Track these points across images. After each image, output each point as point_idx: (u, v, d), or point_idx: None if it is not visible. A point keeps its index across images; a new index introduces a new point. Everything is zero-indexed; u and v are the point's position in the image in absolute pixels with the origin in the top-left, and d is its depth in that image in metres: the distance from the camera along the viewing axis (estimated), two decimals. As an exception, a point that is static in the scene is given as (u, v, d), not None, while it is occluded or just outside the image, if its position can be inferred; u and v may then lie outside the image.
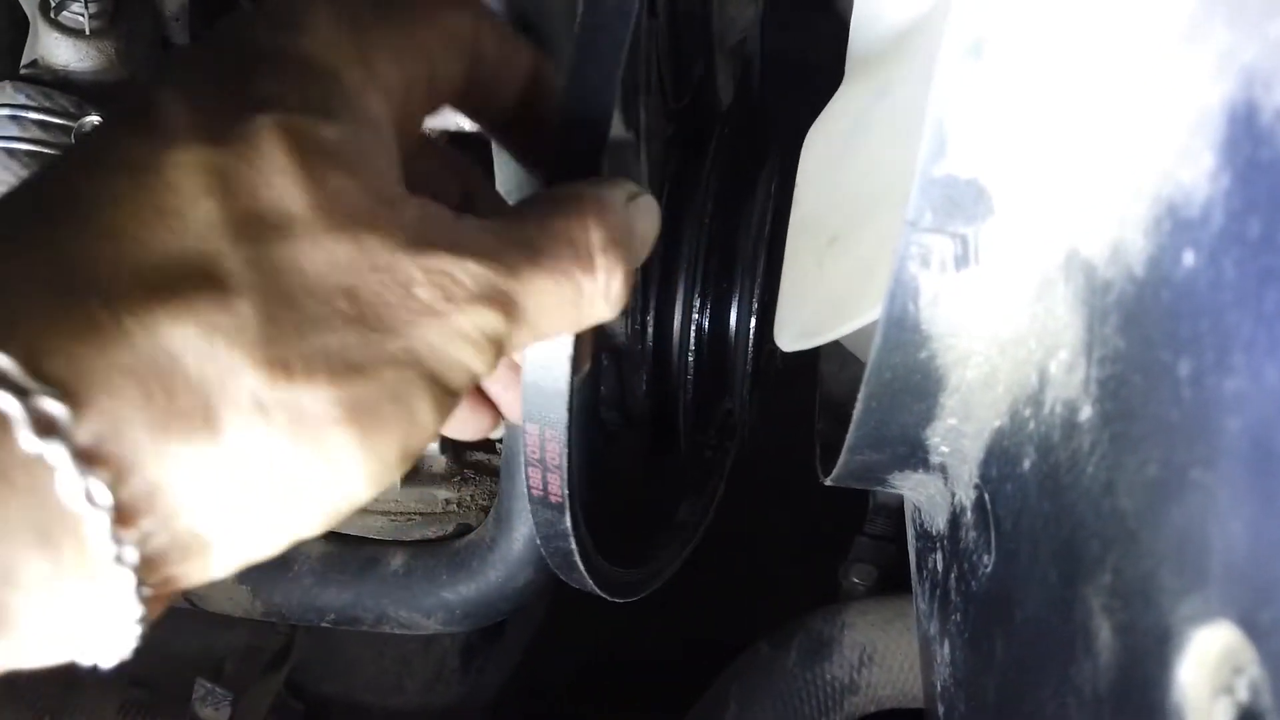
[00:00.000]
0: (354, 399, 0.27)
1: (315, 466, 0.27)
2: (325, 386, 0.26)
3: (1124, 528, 0.25)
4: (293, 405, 0.26)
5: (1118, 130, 0.27)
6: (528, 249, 0.31)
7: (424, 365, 0.28)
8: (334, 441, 0.27)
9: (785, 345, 0.50)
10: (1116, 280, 0.27)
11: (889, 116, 0.50)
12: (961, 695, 0.46)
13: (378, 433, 0.28)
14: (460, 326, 0.29)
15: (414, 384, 0.28)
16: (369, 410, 0.27)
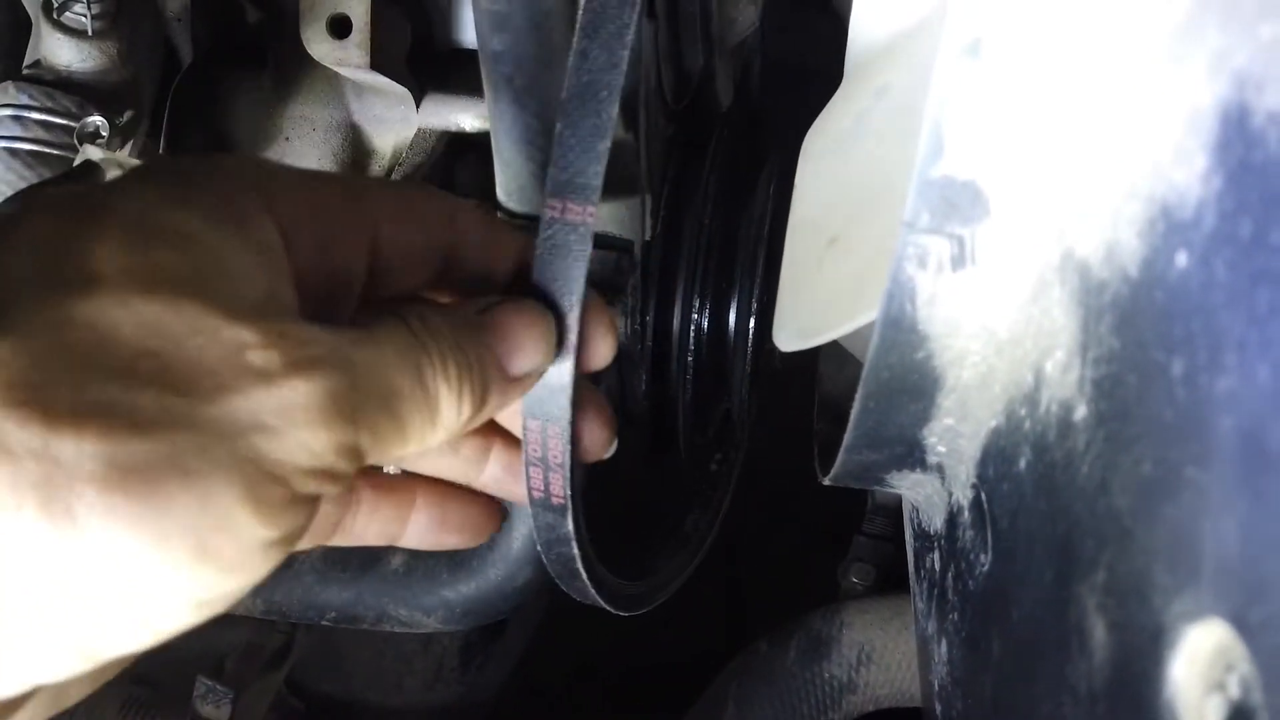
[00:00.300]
0: (125, 457, 0.23)
1: (69, 543, 0.23)
2: (91, 440, 0.23)
3: (1118, 526, 0.26)
4: (45, 454, 0.23)
5: (1113, 131, 0.27)
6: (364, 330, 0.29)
7: (238, 436, 0.25)
8: (88, 506, 0.23)
9: (784, 345, 0.50)
10: (1111, 281, 0.27)
11: (888, 117, 0.50)
12: (959, 694, 0.46)
13: (153, 506, 0.23)
14: (296, 394, 0.26)
15: (218, 458, 0.24)
16: (141, 473, 0.23)
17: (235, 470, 0.25)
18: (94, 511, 0.23)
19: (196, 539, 0.24)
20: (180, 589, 0.25)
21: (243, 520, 0.25)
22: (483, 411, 0.32)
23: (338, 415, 0.27)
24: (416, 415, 0.30)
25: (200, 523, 0.24)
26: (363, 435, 0.28)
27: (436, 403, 0.30)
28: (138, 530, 0.24)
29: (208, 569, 0.25)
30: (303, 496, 0.27)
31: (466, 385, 0.31)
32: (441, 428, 0.31)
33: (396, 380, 0.29)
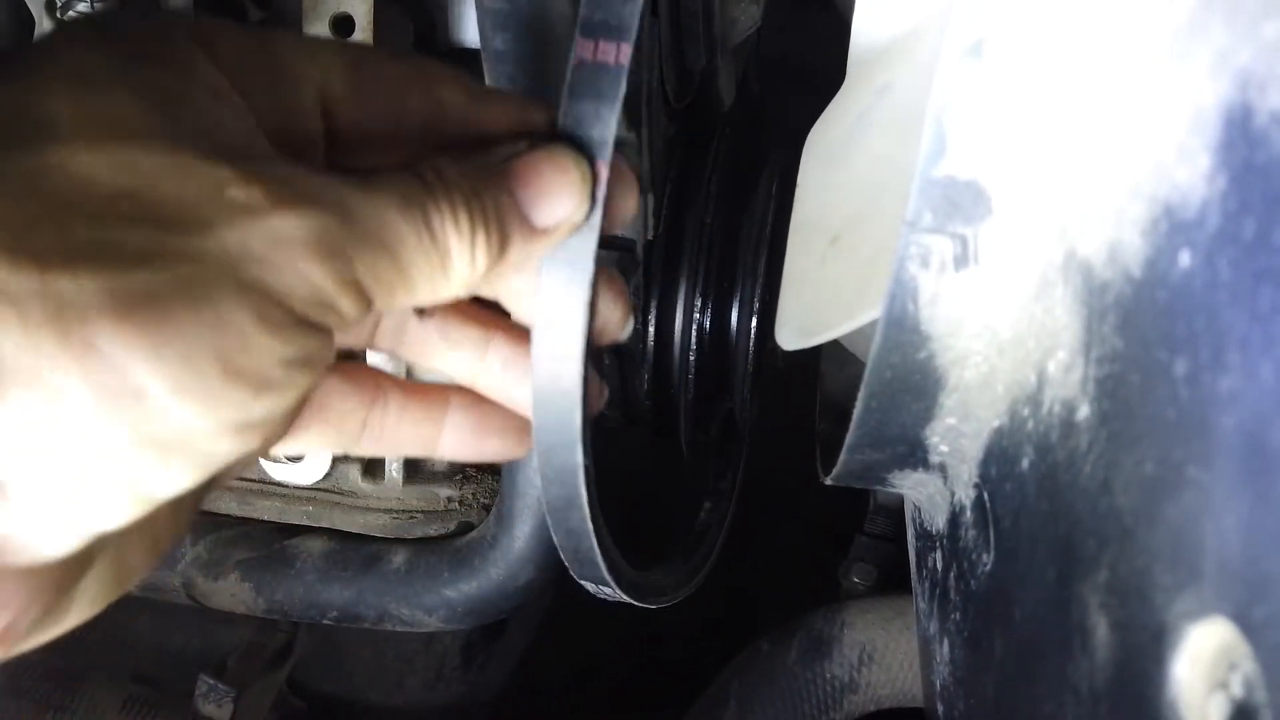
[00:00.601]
0: (129, 289, 0.23)
1: (96, 372, 0.23)
2: (89, 275, 0.23)
3: (1120, 525, 0.26)
4: (49, 294, 0.22)
5: (1116, 131, 0.27)
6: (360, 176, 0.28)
7: (239, 267, 0.25)
8: (105, 335, 0.23)
9: (786, 344, 0.50)
10: (1114, 280, 0.27)
11: (890, 116, 0.50)
12: (961, 694, 0.46)
13: (168, 332, 0.24)
14: (285, 227, 0.26)
15: (221, 283, 0.25)
16: (151, 302, 0.23)
17: (239, 293, 0.25)
18: (114, 341, 0.23)
19: (221, 358, 0.24)
20: (217, 413, 0.25)
21: (260, 338, 0.25)
22: (503, 263, 0.31)
23: (331, 251, 0.26)
24: (423, 261, 0.29)
25: (221, 343, 0.24)
26: (362, 273, 0.27)
27: (446, 249, 0.29)
28: (162, 356, 0.24)
29: (239, 388, 0.25)
30: (312, 322, 0.27)
31: (481, 232, 0.30)
32: (455, 277, 0.30)
33: (397, 224, 0.28)
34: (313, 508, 0.69)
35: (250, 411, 0.26)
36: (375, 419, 0.38)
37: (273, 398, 0.26)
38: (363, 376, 0.38)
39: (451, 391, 0.39)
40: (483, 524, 0.66)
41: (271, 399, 0.26)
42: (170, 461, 0.25)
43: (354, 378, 0.38)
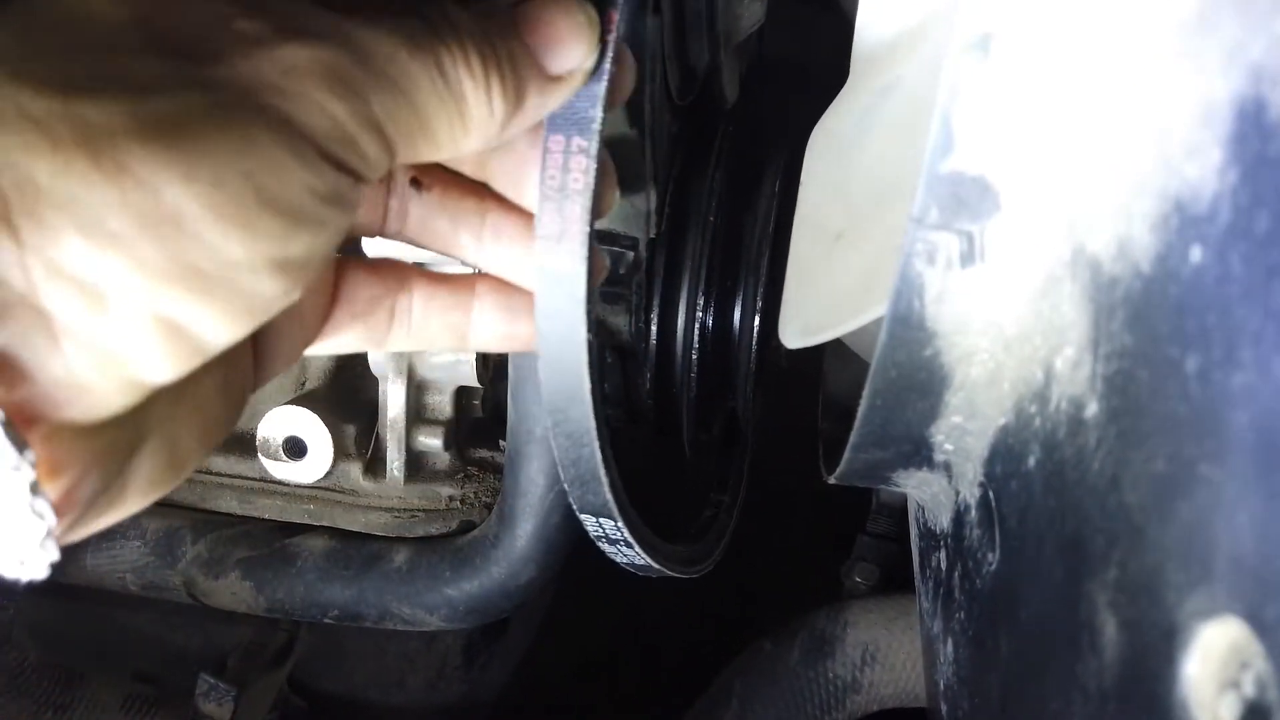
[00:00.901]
0: (154, 113, 0.23)
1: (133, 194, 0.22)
2: (113, 100, 0.22)
3: (1130, 523, 0.25)
4: (74, 118, 0.22)
5: (1124, 126, 0.27)
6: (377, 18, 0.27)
7: (256, 95, 0.24)
8: (137, 157, 0.22)
9: (790, 342, 0.50)
10: (1123, 276, 0.27)
11: (894, 113, 0.50)
12: (965, 693, 0.46)
13: (199, 155, 0.23)
14: (297, 58, 0.25)
15: (244, 108, 0.24)
16: (176, 124, 0.23)
17: (265, 119, 0.24)
18: (146, 164, 0.22)
19: (253, 183, 0.24)
20: (255, 243, 0.24)
21: (289, 165, 0.24)
22: (520, 113, 0.30)
23: (345, 84, 0.25)
24: (439, 107, 0.28)
25: (251, 167, 0.24)
26: (380, 113, 0.26)
27: (462, 94, 0.28)
28: (196, 178, 0.23)
29: (274, 216, 0.24)
30: (337, 158, 0.26)
31: (496, 79, 0.29)
32: (474, 128, 0.29)
33: (409, 65, 0.27)
34: (314, 506, 0.69)
35: (286, 246, 0.25)
36: (402, 308, 0.38)
37: (307, 232, 0.25)
38: (385, 267, 0.38)
39: (476, 278, 0.39)
40: (484, 523, 0.66)
41: (306, 234, 0.25)
42: (213, 299, 0.24)
43: (376, 269, 0.38)
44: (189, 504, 0.71)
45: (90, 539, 0.69)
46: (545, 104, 0.31)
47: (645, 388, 0.72)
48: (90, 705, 0.67)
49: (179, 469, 0.29)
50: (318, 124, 0.25)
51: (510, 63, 0.29)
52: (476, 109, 0.29)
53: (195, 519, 0.69)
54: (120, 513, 0.28)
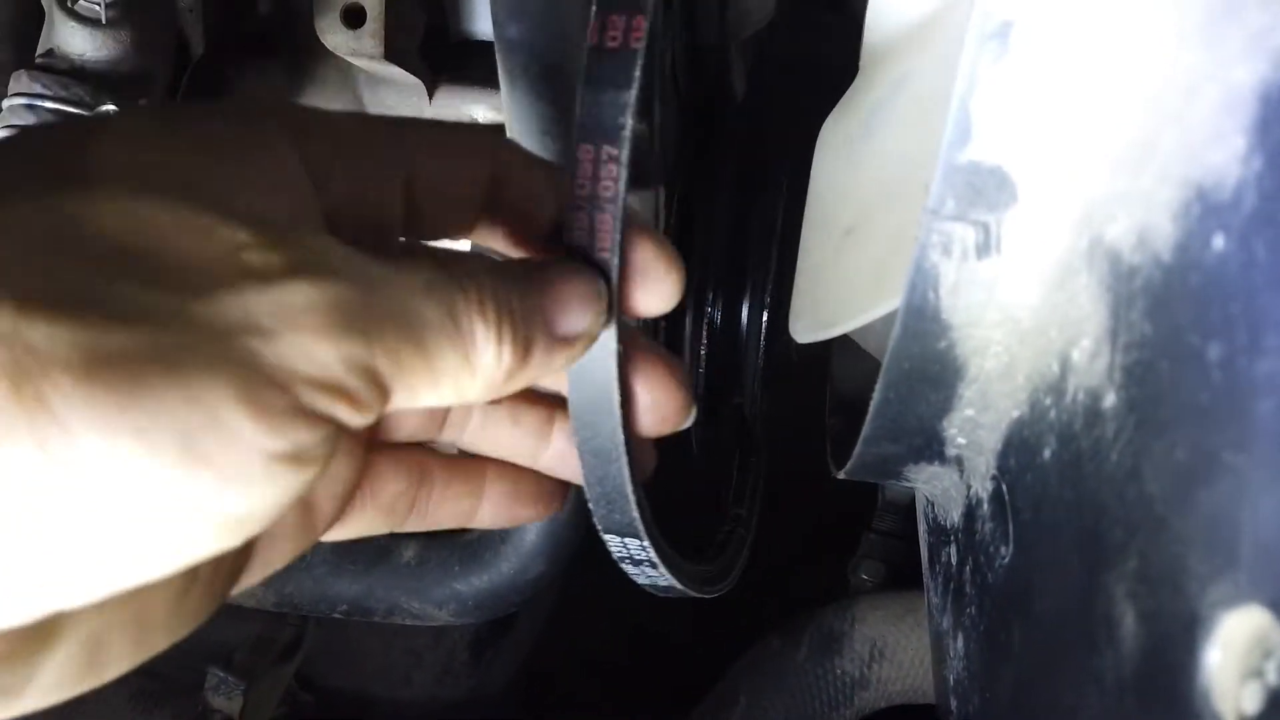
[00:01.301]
0: (102, 347, 0.21)
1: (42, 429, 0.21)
2: (66, 326, 0.21)
3: (1150, 513, 0.25)
4: (15, 339, 0.21)
5: (1145, 114, 0.27)
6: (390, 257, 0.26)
7: (234, 337, 0.23)
8: (60, 392, 0.21)
9: (800, 337, 0.50)
10: (1143, 266, 0.26)
11: (906, 107, 0.49)
12: (976, 688, 0.46)
13: (129, 399, 0.21)
14: (297, 297, 0.23)
15: (206, 354, 0.22)
16: (121, 364, 0.21)
17: (225, 368, 0.22)
18: (70, 402, 0.21)
19: (182, 439, 0.22)
20: (183, 499, 0.22)
21: (235, 422, 0.22)
22: (527, 367, 0.30)
23: (345, 325, 0.24)
24: (449, 351, 0.27)
25: (187, 422, 0.22)
26: (379, 357, 0.25)
27: (472, 342, 0.27)
28: (117, 425, 0.21)
29: (203, 475, 0.22)
30: (311, 411, 0.24)
31: (509, 330, 0.28)
32: (480, 376, 0.28)
33: (422, 308, 0.26)
34: (322, 501, 0.69)
35: (220, 504, 0.23)
36: (422, 499, 0.38)
37: (247, 494, 0.23)
38: (409, 457, 0.38)
39: (487, 464, 0.39)
40: (493, 517, 0.66)
41: (245, 495, 0.23)
42: (127, 541, 0.22)
43: (402, 459, 0.38)
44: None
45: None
46: (550, 363, 0.31)
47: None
48: (99, 699, 0.67)
49: (99, 674, 0.27)
50: (300, 369, 0.23)
51: (523, 317, 0.29)
52: (485, 358, 0.28)
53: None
54: (9, 712, 0.26)
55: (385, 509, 0.37)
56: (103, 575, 0.23)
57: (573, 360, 0.32)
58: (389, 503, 0.37)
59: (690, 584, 0.42)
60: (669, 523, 0.38)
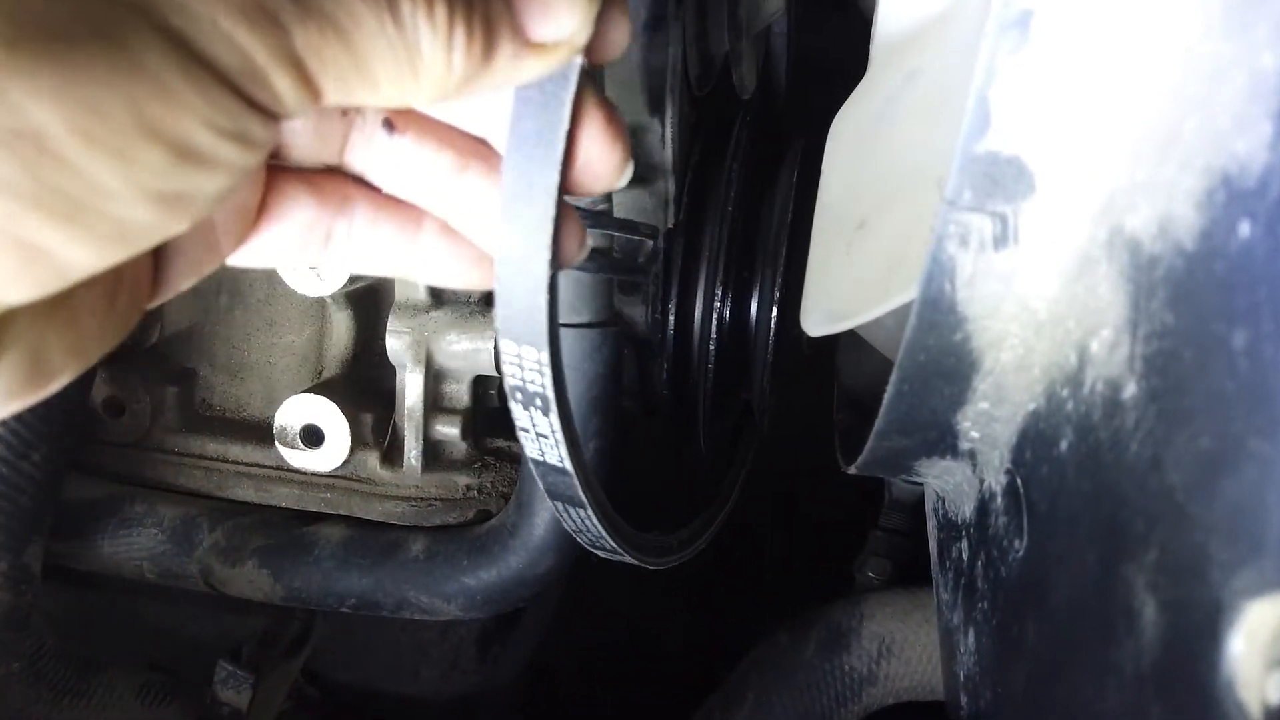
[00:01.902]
0: (35, 19, 0.21)
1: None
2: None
3: (1172, 503, 0.25)
4: None
5: (1168, 103, 0.27)
6: None
7: (157, 13, 0.22)
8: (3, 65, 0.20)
9: (812, 330, 0.49)
10: (1164, 255, 0.26)
11: (918, 101, 0.49)
12: (988, 683, 0.46)
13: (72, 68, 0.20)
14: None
15: (139, 27, 0.22)
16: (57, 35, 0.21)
17: (161, 41, 0.22)
18: (10, 73, 0.20)
19: (135, 109, 0.21)
20: (128, 175, 0.22)
21: (184, 94, 0.22)
22: (486, 74, 0.27)
23: (262, 11, 0.23)
24: (385, 50, 0.25)
25: (136, 91, 0.21)
26: (303, 50, 0.24)
27: (415, 44, 0.26)
28: (63, 95, 0.21)
29: (156, 148, 0.22)
30: (244, 93, 0.23)
31: (462, 33, 0.26)
32: (425, 78, 0.26)
33: (354, 3, 0.25)
34: (331, 495, 0.69)
35: (170, 179, 0.23)
36: (341, 231, 0.35)
37: (198, 169, 0.23)
38: (327, 184, 0.35)
39: (424, 213, 0.35)
40: (502, 511, 0.66)
41: (197, 170, 0.23)
42: (78, 226, 0.22)
43: (315, 184, 0.34)
44: (206, 492, 0.71)
45: (107, 526, 0.69)
46: (518, 71, 0.28)
47: (662, 379, 0.72)
48: (107, 692, 0.67)
49: (43, 382, 0.27)
50: (221, 53, 0.23)
51: (483, 16, 0.27)
52: (431, 60, 0.26)
53: (212, 507, 0.69)
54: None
55: (296, 235, 0.34)
56: (53, 260, 0.23)
57: (547, 69, 0.28)
58: (300, 228, 0.34)
59: (629, 547, 0.40)
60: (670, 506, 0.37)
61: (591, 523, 0.39)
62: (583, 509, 0.37)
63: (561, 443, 0.33)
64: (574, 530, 0.39)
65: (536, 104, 0.29)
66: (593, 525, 0.39)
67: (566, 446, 0.34)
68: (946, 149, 0.42)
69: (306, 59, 0.24)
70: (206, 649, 0.72)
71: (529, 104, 0.29)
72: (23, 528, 0.61)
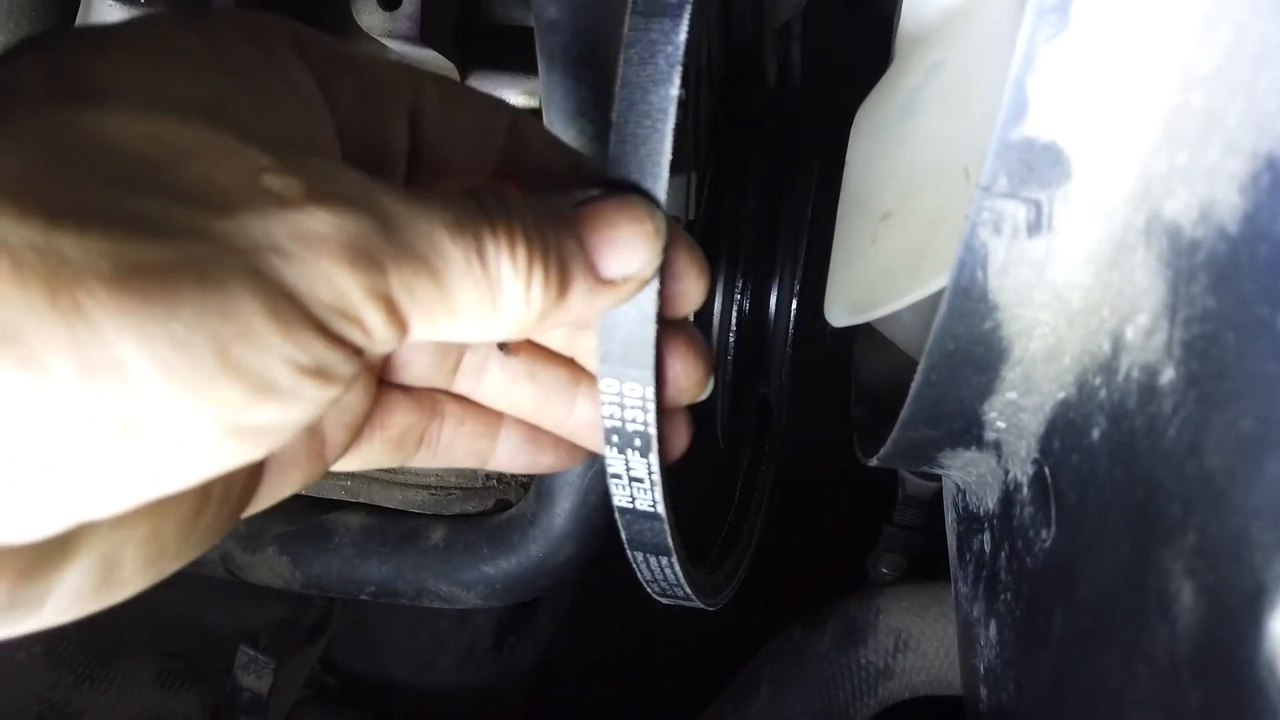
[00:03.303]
0: (133, 257, 0.21)
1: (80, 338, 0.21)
2: (96, 238, 0.21)
3: (1211, 487, 0.25)
4: (50, 250, 0.21)
5: (1211, 86, 0.27)
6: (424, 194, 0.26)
7: (257, 256, 0.23)
8: (96, 300, 0.21)
9: (836, 321, 0.49)
10: (1206, 240, 0.26)
11: (944, 91, 0.49)
12: (1010, 674, 0.46)
13: (164, 308, 0.22)
14: (315, 224, 0.24)
15: (233, 267, 0.23)
16: (154, 275, 0.22)
17: (253, 282, 0.23)
18: (105, 310, 0.21)
19: (218, 347, 0.22)
20: (209, 408, 0.23)
21: (267, 334, 0.23)
22: (561, 308, 0.29)
23: (362, 256, 0.24)
24: (470, 287, 0.27)
25: (221, 330, 0.22)
26: (397, 289, 0.25)
27: (497, 281, 0.27)
28: (153, 333, 0.22)
29: (235, 384, 0.23)
30: (331, 331, 0.24)
31: (540, 271, 0.28)
32: (505, 314, 0.28)
33: (443, 242, 0.26)
34: (351, 483, 0.69)
35: (248, 414, 0.23)
36: (432, 433, 0.38)
37: (277, 405, 0.24)
38: (422, 394, 0.38)
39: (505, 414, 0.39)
40: (522, 501, 0.66)
41: (275, 406, 0.24)
42: (155, 454, 0.23)
43: (414, 396, 0.38)
44: (226, 480, 0.71)
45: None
46: (593, 306, 0.30)
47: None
48: (125, 679, 0.67)
49: (110, 593, 0.28)
50: (317, 292, 0.24)
51: (558, 258, 0.28)
52: (511, 297, 0.28)
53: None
54: (31, 624, 0.26)
55: (394, 441, 0.37)
56: (133, 485, 0.23)
57: (618, 303, 0.30)
58: (398, 435, 0.37)
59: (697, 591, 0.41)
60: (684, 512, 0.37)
61: (673, 571, 0.38)
62: (668, 556, 0.37)
63: (657, 484, 0.34)
64: (647, 580, 0.39)
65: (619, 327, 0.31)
66: (673, 574, 0.38)
67: (662, 488, 0.34)
68: (974, 139, 0.42)
69: (399, 297, 0.25)
70: (224, 638, 0.73)
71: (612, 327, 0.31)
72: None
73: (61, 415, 0.22)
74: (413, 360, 0.38)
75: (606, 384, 0.32)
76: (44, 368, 0.21)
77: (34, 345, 0.21)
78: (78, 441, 0.22)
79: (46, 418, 0.21)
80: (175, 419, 0.22)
